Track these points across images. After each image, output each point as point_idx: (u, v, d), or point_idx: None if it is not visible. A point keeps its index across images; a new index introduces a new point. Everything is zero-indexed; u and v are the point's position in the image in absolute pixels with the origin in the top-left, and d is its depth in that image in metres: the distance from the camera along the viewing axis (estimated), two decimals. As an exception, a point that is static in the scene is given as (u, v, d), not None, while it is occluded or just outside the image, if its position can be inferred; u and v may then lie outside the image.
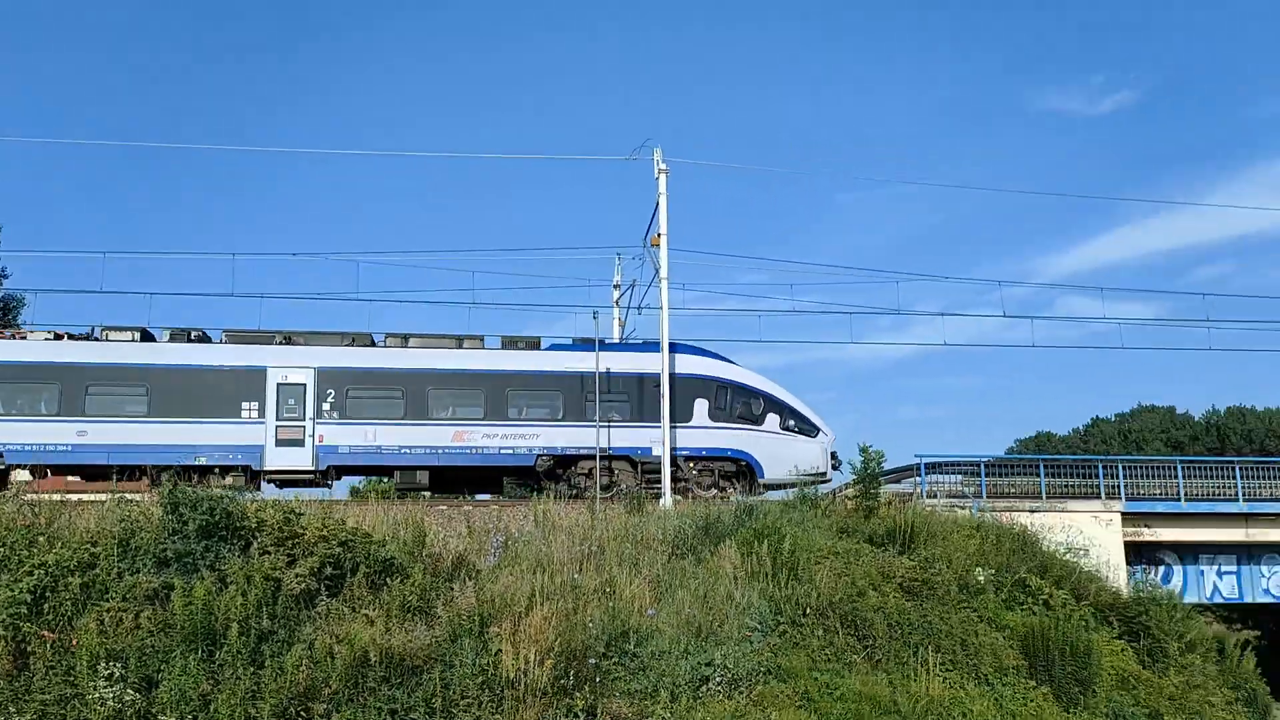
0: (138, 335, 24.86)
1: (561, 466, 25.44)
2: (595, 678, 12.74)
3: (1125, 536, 23.98)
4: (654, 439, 25.52)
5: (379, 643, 12.37)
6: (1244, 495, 24.83)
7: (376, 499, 20.14)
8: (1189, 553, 25.82)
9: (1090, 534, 23.33)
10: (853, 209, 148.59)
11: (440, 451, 25.07)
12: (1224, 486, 25.09)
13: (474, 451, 25.07)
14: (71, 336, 24.79)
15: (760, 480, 25.78)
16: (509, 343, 26.69)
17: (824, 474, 25.97)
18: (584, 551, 15.84)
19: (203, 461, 23.80)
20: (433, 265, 33.43)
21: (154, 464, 22.23)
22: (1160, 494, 24.95)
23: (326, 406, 24.95)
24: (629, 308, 30.06)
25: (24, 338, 24.81)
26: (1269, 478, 25.50)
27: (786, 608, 15.28)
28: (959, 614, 16.78)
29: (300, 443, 24.85)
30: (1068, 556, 21.46)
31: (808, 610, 15.32)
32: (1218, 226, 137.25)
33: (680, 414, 26.14)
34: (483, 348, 26.31)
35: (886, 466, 21.60)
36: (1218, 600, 25.77)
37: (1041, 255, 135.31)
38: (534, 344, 26.88)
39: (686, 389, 26.62)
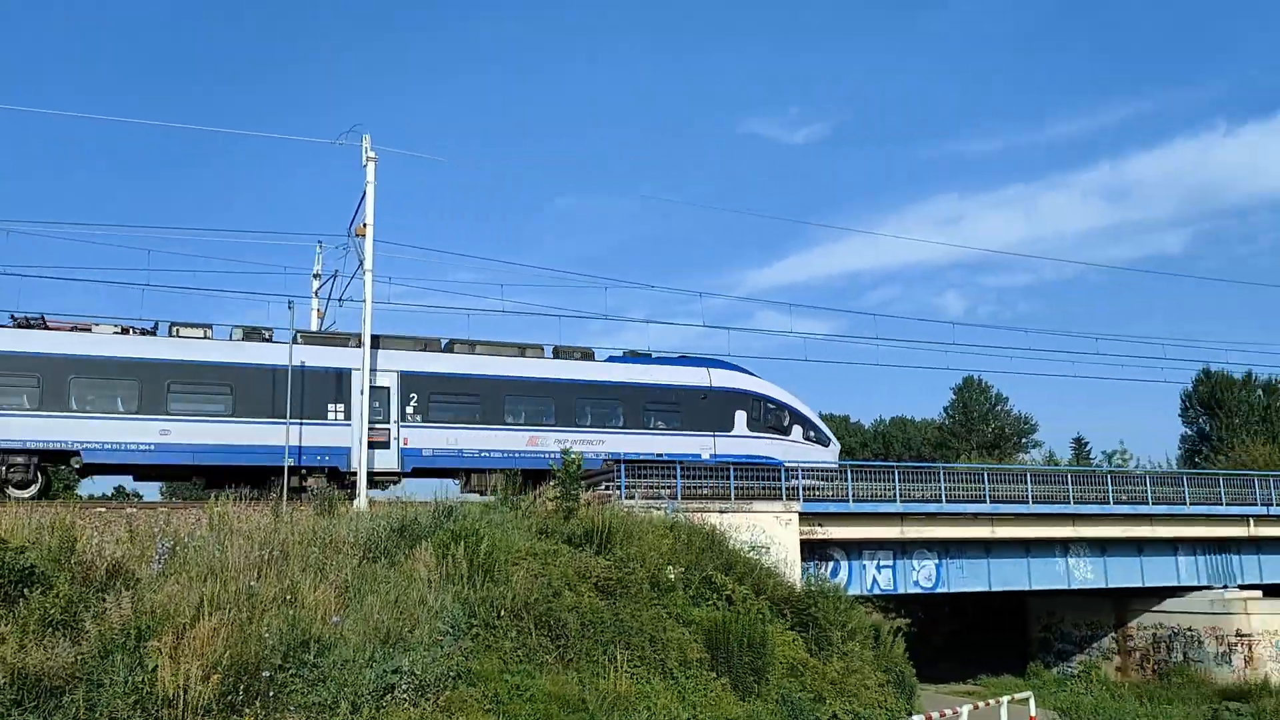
0: (209, 332, 24.33)
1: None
2: (269, 692, 11.87)
3: (802, 535, 25.58)
4: (703, 446, 28.50)
5: (10, 662, 10.89)
6: (900, 497, 27.23)
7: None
8: (854, 549, 28.02)
9: (772, 533, 24.72)
10: (571, 213, 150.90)
11: (515, 455, 26.08)
12: (885, 489, 27.39)
13: (546, 456, 25.23)
14: (143, 332, 23.90)
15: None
16: (562, 352, 28.21)
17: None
18: (264, 557, 14.76)
19: (290, 464, 22.94)
20: (104, 240, 30.37)
21: (240, 465, 22.59)
22: (832, 495, 26.86)
23: (410, 410, 25.54)
24: (329, 299, 28.66)
25: (88, 330, 23.29)
26: (920, 481, 28.14)
27: (481, 610, 15.00)
28: (650, 611, 17.20)
29: (386, 445, 25.20)
30: (751, 554, 22.56)
31: (503, 612, 15.11)
32: (889, 254, 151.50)
33: (723, 424, 29.07)
34: (543, 357, 27.83)
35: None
36: (876, 592, 28.11)
37: (743, 270, 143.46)
38: (589, 354, 28.80)
39: (729, 402, 29.37)
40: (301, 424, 24.02)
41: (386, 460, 24.87)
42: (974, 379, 71.38)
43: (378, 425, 24.86)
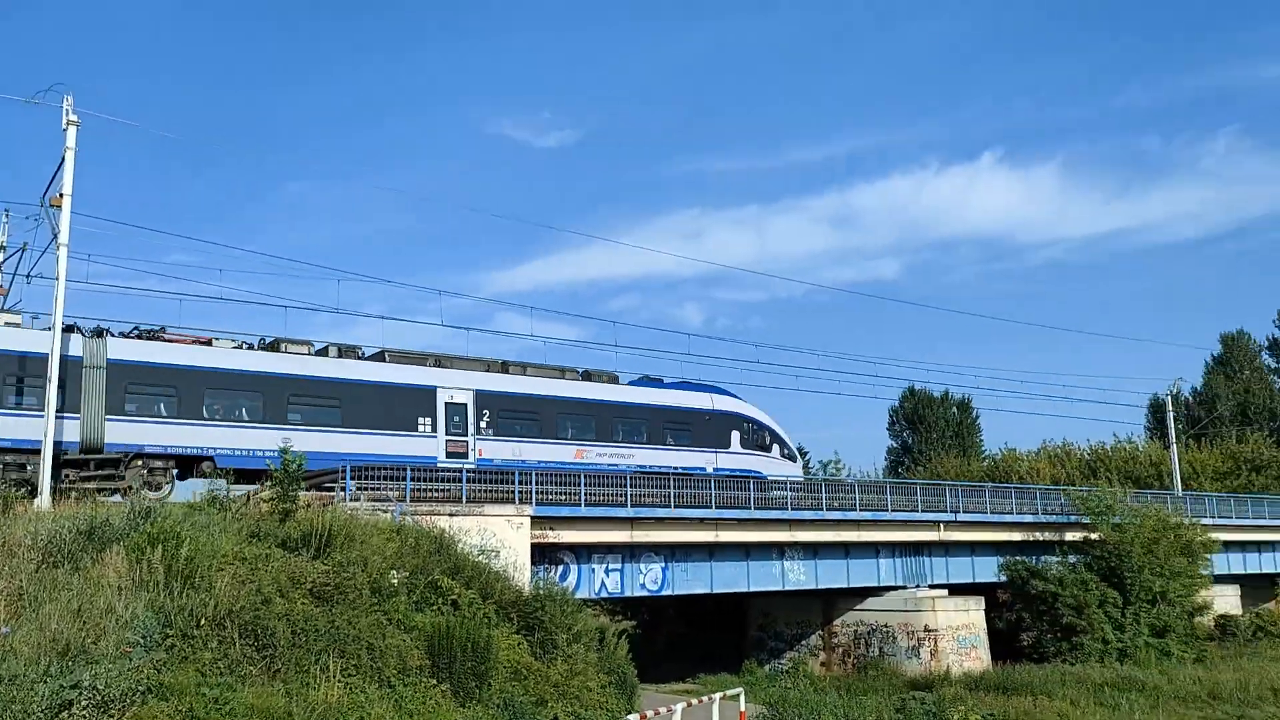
0: (310, 348, 27.12)
1: None
2: (-82, 714, 10.55)
3: (533, 538, 25.60)
4: (707, 460, 33.34)
5: None
6: (631, 501, 27.84)
7: None
8: (585, 553, 28.37)
9: (503, 536, 24.57)
10: (303, 200, 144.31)
11: (566, 466, 28.93)
12: (617, 494, 27.91)
13: (590, 468, 29.19)
14: (262, 346, 26.43)
15: None
16: (592, 376, 32.50)
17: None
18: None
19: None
20: None
21: None
22: (565, 499, 27.05)
23: (483, 424, 28.82)
24: (14, 275, 25.91)
25: (209, 343, 25.51)
26: (650, 487, 28.88)
27: (179, 619, 13.95)
28: (369, 618, 16.63)
29: (465, 455, 28.33)
30: (481, 558, 22.34)
31: (203, 621, 14.12)
32: (632, 263, 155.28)
33: (722, 442, 34.05)
34: (577, 379, 31.81)
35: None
36: (605, 595, 28.57)
37: (486, 271, 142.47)
38: (614, 378, 33.24)
39: (727, 423, 34.45)
40: (395, 435, 27.25)
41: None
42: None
43: (458, 437, 28.31)
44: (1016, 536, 38.60)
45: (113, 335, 24.41)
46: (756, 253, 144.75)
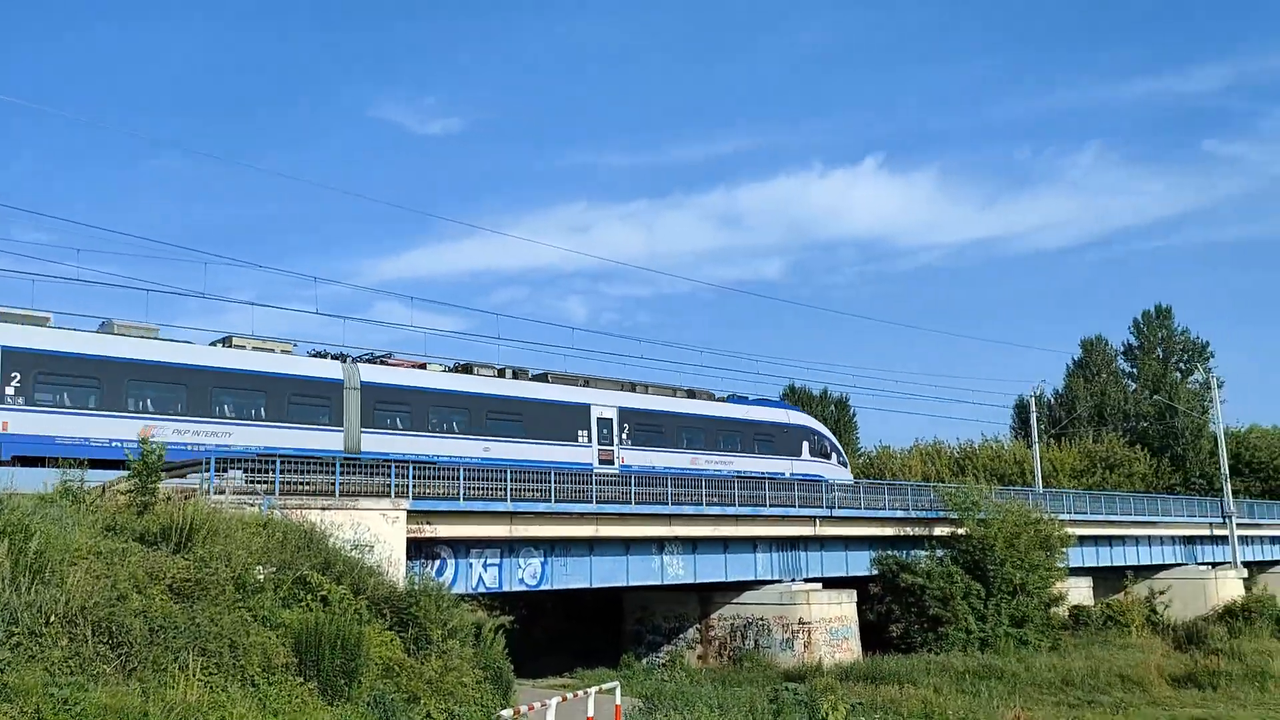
0: (504, 371, 32.92)
1: None
2: None
3: (409, 533, 25.16)
4: (785, 467, 39.65)
5: None
6: (511, 496, 27.62)
7: None
8: (463, 547, 28.03)
9: (377, 530, 24.07)
10: (170, 177, 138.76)
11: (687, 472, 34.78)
12: (496, 488, 27.64)
13: (700, 473, 34.93)
14: (458, 369, 31.99)
15: None
16: (698, 394, 38.82)
17: None
18: None
19: None
20: None
21: None
22: (443, 493, 26.66)
23: (625, 436, 34.27)
24: None
25: (423, 366, 31.15)
26: (529, 482, 28.67)
27: (26, 616, 13.20)
28: (233, 614, 16.05)
29: (611, 462, 33.60)
30: (353, 553, 21.83)
31: (53, 618, 13.39)
32: (518, 255, 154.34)
33: (796, 451, 40.54)
34: (680, 395, 37.93)
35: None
36: (482, 590, 28.25)
37: (365, 259, 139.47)
38: (711, 395, 39.60)
39: (799, 435, 41.18)
40: (561, 445, 32.47)
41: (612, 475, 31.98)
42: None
43: (606, 446, 33.67)
44: (889, 531, 39.76)
45: (361, 362, 29.64)
46: (644, 248, 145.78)
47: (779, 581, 36.23)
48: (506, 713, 17.94)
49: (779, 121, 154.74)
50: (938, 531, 40.17)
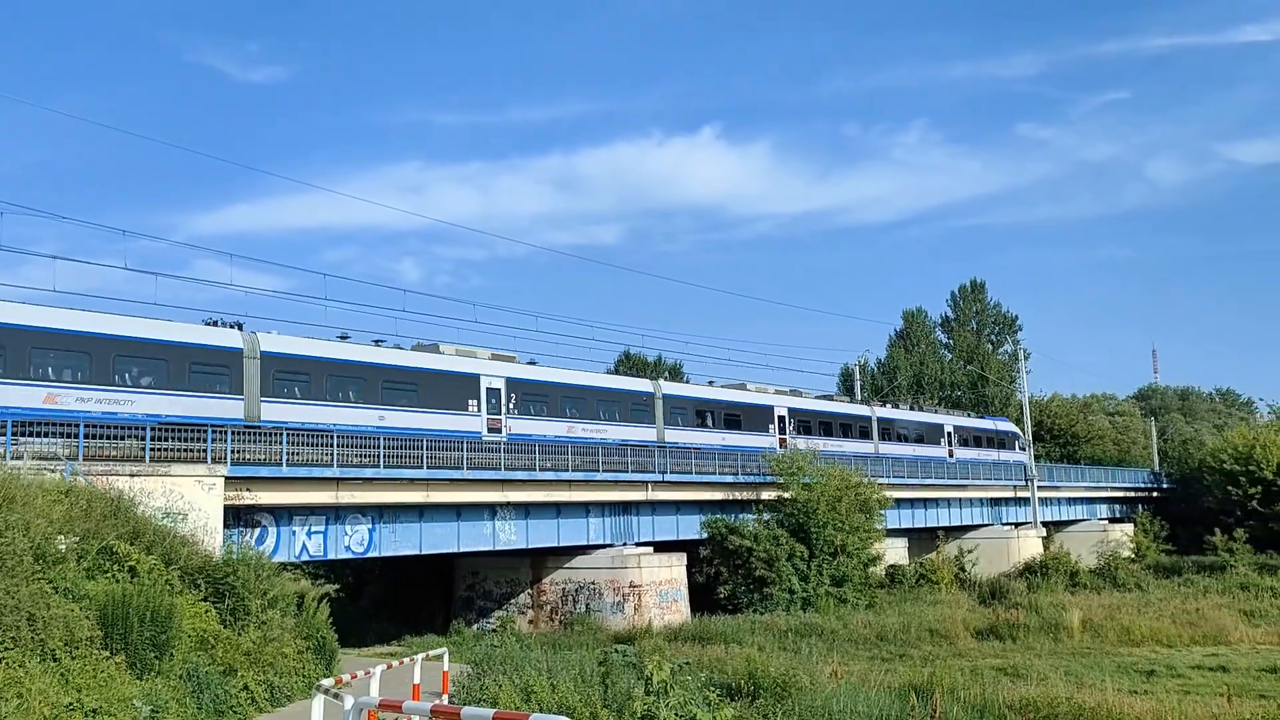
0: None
1: None
2: None
3: (227, 500, 24.20)
4: (994, 455, 62.57)
5: None
6: (337, 462, 26.89)
7: None
8: (285, 514, 27.14)
9: (192, 498, 23.08)
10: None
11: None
12: (322, 454, 26.86)
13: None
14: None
15: None
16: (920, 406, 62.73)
17: None
18: None
19: None
20: None
21: None
22: (265, 459, 25.72)
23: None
24: None
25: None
26: (357, 446, 27.95)
27: None
28: (31, 586, 15.06)
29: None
30: (165, 521, 20.93)
31: None
32: (349, 214, 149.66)
33: (1005, 445, 64.18)
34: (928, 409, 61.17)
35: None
36: (306, 558, 27.53)
37: (182, 213, 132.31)
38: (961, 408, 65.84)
39: (1010, 435, 64.58)
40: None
41: None
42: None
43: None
44: (718, 496, 40.78)
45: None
46: (480, 211, 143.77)
47: (611, 546, 36.68)
48: (328, 682, 17.46)
49: (618, 87, 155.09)
50: (765, 496, 41.47)
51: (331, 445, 26.96)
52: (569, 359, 42.60)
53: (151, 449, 23.10)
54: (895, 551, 51.77)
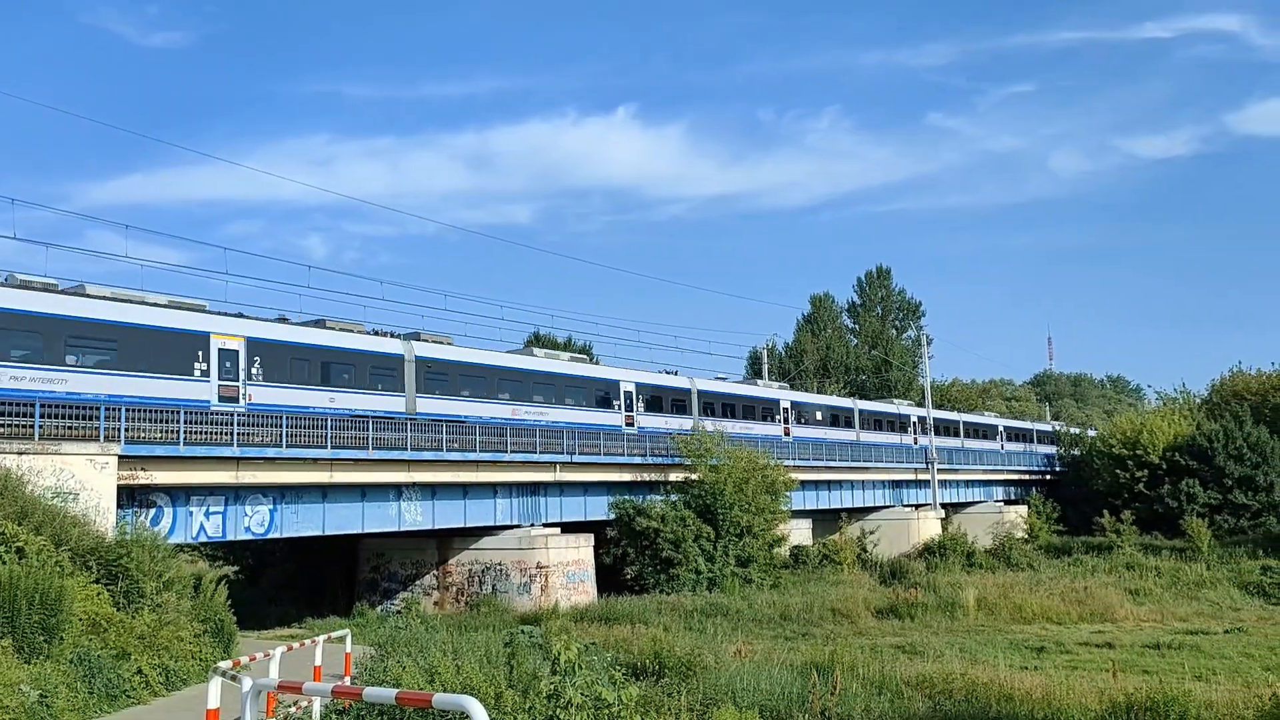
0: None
1: None
2: None
3: (121, 480, 23.43)
4: None
5: None
6: (237, 441, 26.21)
7: None
8: (182, 495, 26.38)
9: (84, 477, 22.31)
10: None
11: None
12: (222, 433, 26.14)
13: None
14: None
15: None
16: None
17: None
18: None
19: None
20: None
21: None
22: (162, 438, 24.93)
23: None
24: None
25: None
26: (261, 426, 27.28)
27: None
28: (-94, 570, 14.44)
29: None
30: (55, 501, 20.26)
31: None
32: (253, 187, 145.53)
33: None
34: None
35: None
36: (204, 539, 26.83)
37: (73, 182, 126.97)
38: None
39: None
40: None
41: None
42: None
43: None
44: (627, 477, 40.93)
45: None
46: (390, 187, 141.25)
47: (519, 526, 36.56)
48: (225, 665, 17.10)
49: (534, 65, 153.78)
50: (673, 477, 41.78)
51: (232, 425, 26.27)
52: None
53: (41, 427, 22.19)
54: (800, 533, 52.72)
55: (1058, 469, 77.61)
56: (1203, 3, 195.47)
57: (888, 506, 59.39)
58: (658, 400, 45.25)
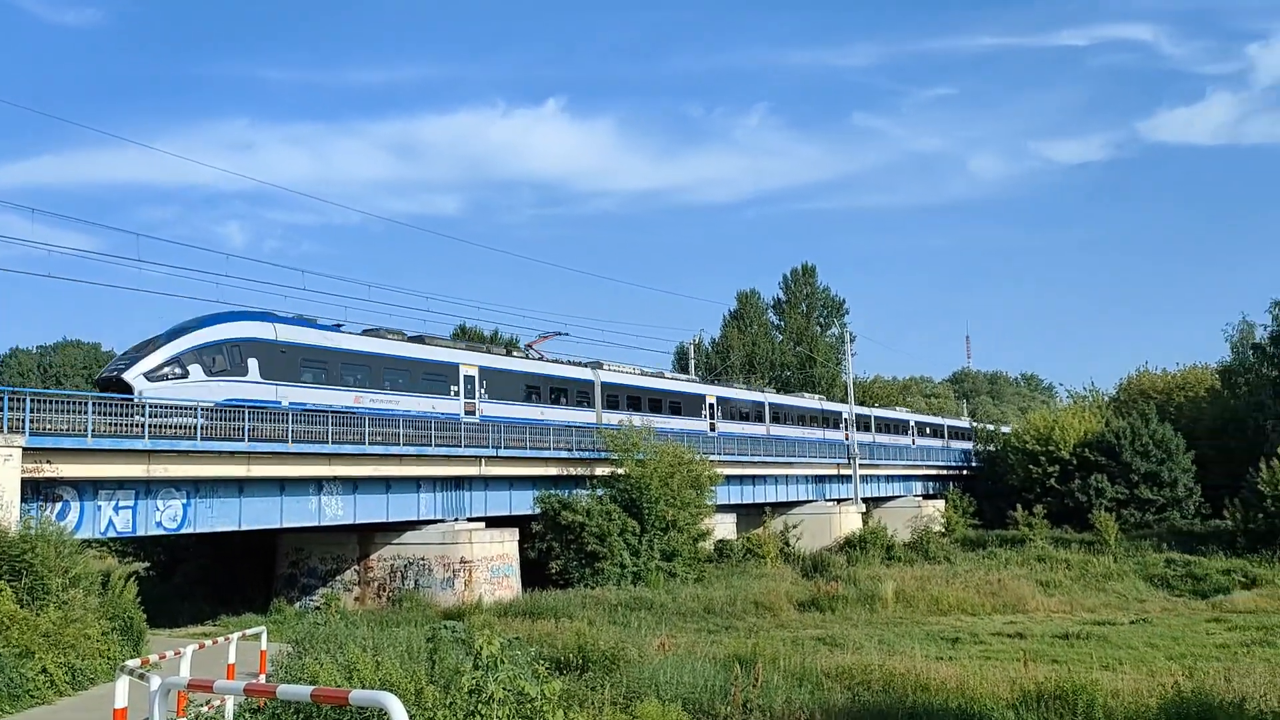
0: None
1: None
2: None
3: (26, 473, 22.55)
4: None
5: None
6: (149, 433, 25.43)
7: None
8: (90, 488, 25.49)
9: (-15, 471, 21.42)
10: None
11: None
12: (133, 424, 25.35)
13: None
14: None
15: None
16: None
17: None
18: None
19: None
20: None
21: None
22: (69, 429, 24.06)
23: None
24: None
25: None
26: (172, 415, 26.49)
27: None
28: None
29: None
30: (-46, 496, 19.41)
31: None
32: (168, 171, 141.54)
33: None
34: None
35: None
36: (113, 534, 25.96)
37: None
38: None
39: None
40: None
41: None
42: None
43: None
44: (552, 471, 40.77)
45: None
46: (312, 174, 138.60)
47: (442, 521, 36.15)
48: (134, 663, 16.60)
49: (461, 54, 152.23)
50: (599, 471, 41.72)
51: (144, 416, 25.48)
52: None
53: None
54: (724, 527, 53.11)
55: (974, 464, 79.42)
56: (1117, 12, 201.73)
57: (811, 501, 60.13)
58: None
